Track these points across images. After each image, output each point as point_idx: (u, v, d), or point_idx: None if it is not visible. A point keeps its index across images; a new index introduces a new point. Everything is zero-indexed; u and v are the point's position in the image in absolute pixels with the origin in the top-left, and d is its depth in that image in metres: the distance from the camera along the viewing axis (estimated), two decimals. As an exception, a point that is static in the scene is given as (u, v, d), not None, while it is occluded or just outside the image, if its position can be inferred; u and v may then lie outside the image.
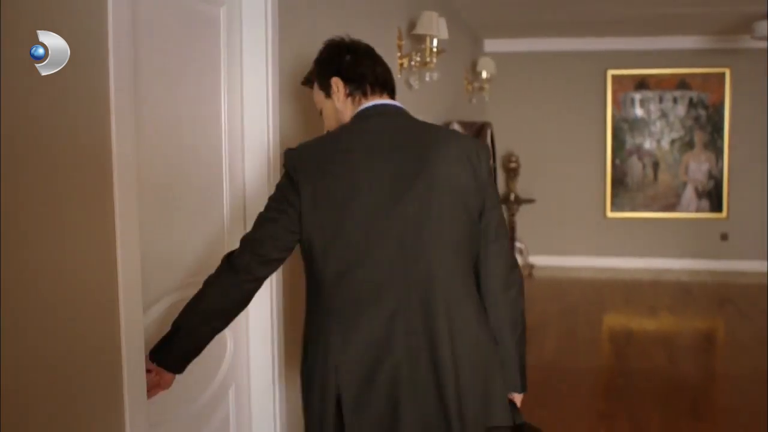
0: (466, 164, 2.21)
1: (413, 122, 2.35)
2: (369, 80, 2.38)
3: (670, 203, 9.98)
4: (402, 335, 2.16)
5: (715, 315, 8.03)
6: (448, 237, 2.19)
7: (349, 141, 2.27)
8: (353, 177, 2.19)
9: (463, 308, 2.22)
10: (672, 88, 9.87)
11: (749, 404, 5.24)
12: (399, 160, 2.20)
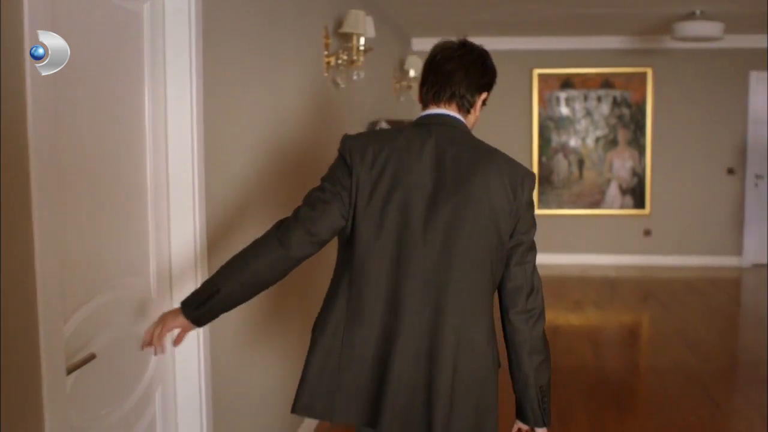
0: (506, 188, 2.26)
1: (466, 138, 2.37)
2: (436, 85, 2.40)
3: (595, 200, 10.17)
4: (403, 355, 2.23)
5: (639, 309, 8.21)
6: (474, 254, 2.25)
7: (403, 142, 2.31)
8: (397, 178, 2.26)
9: (474, 329, 2.27)
10: (596, 87, 10.06)
11: (671, 395, 5.37)
12: (442, 172, 2.26)
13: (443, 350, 2.23)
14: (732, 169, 10.07)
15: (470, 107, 2.41)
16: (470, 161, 2.29)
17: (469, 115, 2.42)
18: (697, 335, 6.95)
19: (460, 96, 2.38)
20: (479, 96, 2.43)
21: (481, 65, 2.43)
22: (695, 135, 9.98)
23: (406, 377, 2.24)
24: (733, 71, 9.97)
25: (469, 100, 2.40)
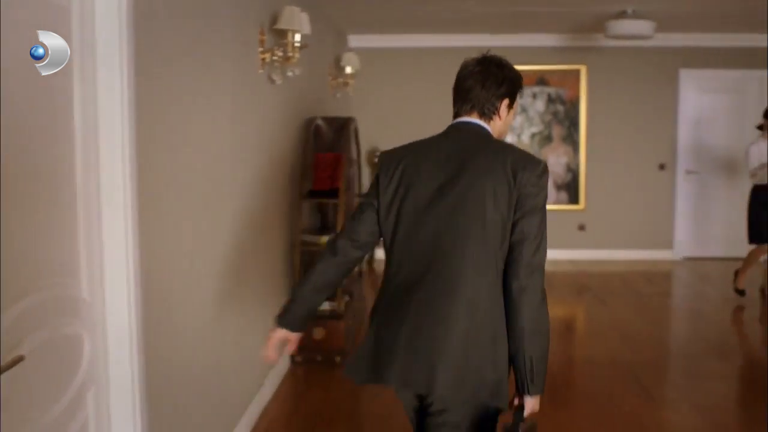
0: (506, 172, 2.50)
1: (480, 138, 2.67)
2: (459, 98, 2.76)
3: (531, 195, 10.27)
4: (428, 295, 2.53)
5: (574, 302, 8.34)
6: (478, 226, 2.49)
7: (423, 148, 2.70)
8: (416, 175, 2.62)
9: (488, 287, 2.50)
10: (531, 84, 10.16)
11: (605, 388, 5.47)
12: (452, 165, 2.58)
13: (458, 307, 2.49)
14: (663, 164, 10.29)
15: (492, 114, 2.71)
16: (477, 154, 2.58)
17: (493, 121, 2.71)
18: (631, 328, 7.08)
19: (480, 106, 2.70)
20: (500, 102, 2.71)
21: (496, 78, 2.71)
22: (628, 131, 10.17)
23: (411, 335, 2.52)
24: (664, 69, 10.18)
25: (489, 109, 2.70)
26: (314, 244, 5.93)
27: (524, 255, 2.49)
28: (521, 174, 2.49)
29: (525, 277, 2.49)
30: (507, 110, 2.74)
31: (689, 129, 10.36)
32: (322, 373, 5.71)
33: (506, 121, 2.75)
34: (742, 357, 6.37)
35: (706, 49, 10.11)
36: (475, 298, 2.49)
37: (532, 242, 2.50)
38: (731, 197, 10.45)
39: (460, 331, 2.47)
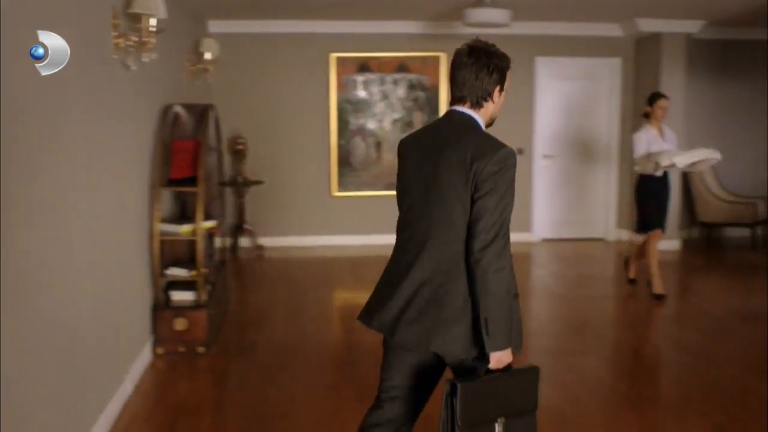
0: (463, 159, 2.86)
1: (461, 126, 3.00)
2: (454, 86, 3.06)
3: (393, 181, 10.31)
4: (410, 255, 3.00)
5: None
6: (442, 203, 2.91)
7: (421, 137, 3.12)
8: (412, 155, 3.06)
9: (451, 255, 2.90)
10: (392, 70, 10.27)
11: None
12: (432, 148, 2.98)
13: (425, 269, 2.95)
14: (521, 149, 10.57)
15: (484, 101, 3.04)
16: (449, 145, 2.93)
17: (483, 109, 3.05)
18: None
19: (474, 96, 3.02)
20: (493, 89, 3.04)
21: (488, 68, 3.01)
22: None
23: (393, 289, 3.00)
24: (520, 56, 10.40)
25: (483, 97, 3.02)
26: (174, 234, 5.81)
27: (479, 232, 2.80)
28: (477, 163, 2.83)
29: (479, 251, 2.80)
30: (499, 93, 3.06)
31: (546, 115, 10.69)
32: (184, 364, 5.61)
33: (498, 102, 3.10)
34: (596, 334, 6.62)
35: (561, 38, 10.45)
36: (439, 267, 2.90)
37: (487, 220, 2.80)
38: (586, 180, 10.89)
39: (425, 288, 2.92)
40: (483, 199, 2.81)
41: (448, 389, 2.78)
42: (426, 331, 2.90)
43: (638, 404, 5.00)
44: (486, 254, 2.78)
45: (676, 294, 8.12)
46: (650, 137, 7.47)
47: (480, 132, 3.00)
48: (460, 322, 2.87)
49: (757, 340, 6.42)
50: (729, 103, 10.83)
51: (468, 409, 2.78)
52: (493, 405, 2.86)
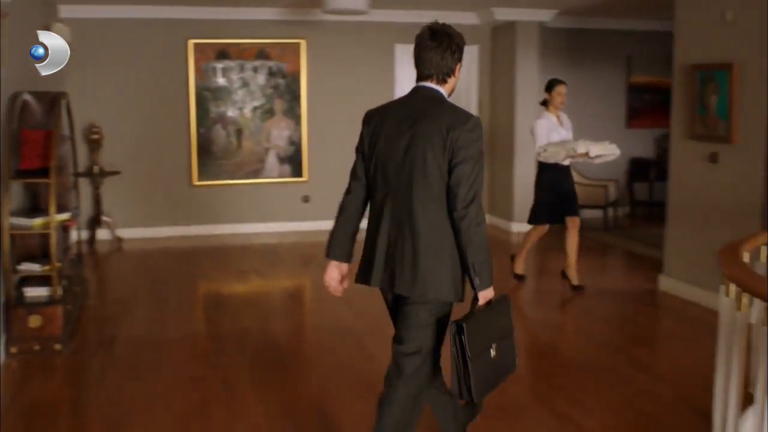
0: (440, 130, 3.23)
1: (432, 99, 3.37)
2: (420, 65, 3.41)
3: (255, 169, 10.32)
4: (391, 220, 3.35)
5: (302, 273, 8.49)
6: (421, 171, 3.26)
7: (392, 109, 3.45)
8: (381, 129, 3.39)
9: (431, 215, 3.28)
10: (252, 57, 10.17)
11: (331, 352, 5.65)
12: (404, 127, 3.32)
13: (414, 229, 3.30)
14: (382, 136, 10.67)
15: (447, 77, 3.42)
16: (424, 117, 3.30)
17: (447, 84, 3.43)
18: (355, 293, 7.23)
19: (439, 73, 3.39)
20: (455, 66, 3.43)
21: (449, 49, 3.39)
22: (348, 104, 10.42)
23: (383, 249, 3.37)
24: (380, 44, 10.55)
25: (445, 73, 3.40)
26: (26, 228, 5.59)
27: (460, 193, 3.21)
28: (452, 132, 3.22)
29: (461, 209, 3.22)
30: (459, 69, 3.47)
31: (405, 101, 10.81)
32: (40, 363, 5.41)
33: (458, 76, 3.49)
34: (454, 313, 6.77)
35: (420, 25, 10.45)
36: (421, 225, 3.28)
37: (466, 183, 3.22)
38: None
39: (410, 246, 3.29)
40: (461, 165, 3.22)
41: (454, 329, 3.25)
42: (418, 280, 3.29)
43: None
44: (469, 211, 3.23)
45: (535, 274, 8.39)
46: (550, 125, 7.26)
47: (449, 104, 3.41)
48: (447, 270, 3.31)
49: (611, 317, 6.74)
50: (581, 89, 11.23)
51: (473, 342, 3.26)
52: (487, 334, 3.38)
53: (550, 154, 7.09)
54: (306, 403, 4.69)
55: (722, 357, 3.58)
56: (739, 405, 3.44)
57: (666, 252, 7.41)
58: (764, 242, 4.07)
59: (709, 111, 6.66)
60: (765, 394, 3.13)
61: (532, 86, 10.37)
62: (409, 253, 3.30)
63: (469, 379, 3.29)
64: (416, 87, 3.45)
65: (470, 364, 3.26)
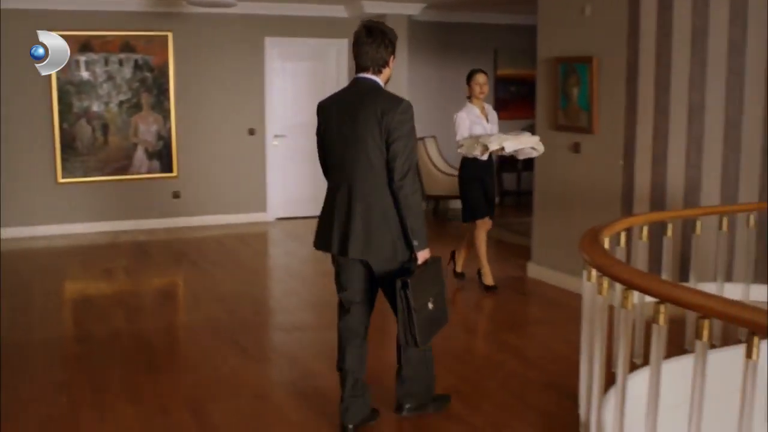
0: (376, 114, 3.82)
1: (370, 89, 3.94)
2: (358, 59, 3.98)
3: (123, 165, 10.04)
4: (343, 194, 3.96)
5: (172, 271, 8.33)
6: (363, 151, 3.87)
7: (337, 98, 4.09)
8: (330, 117, 4.03)
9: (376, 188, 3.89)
10: (117, 50, 9.87)
11: (204, 350, 5.56)
12: (345, 115, 3.93)
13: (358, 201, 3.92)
14: (253, 129, 10.58)
15: (382, 68, 3.98)
16: (363, 101, 3.89)
17: (382, 74, 3.99)
18: (228, 290, 7.24)
19: (375, 65, 3.96)
20: (389, 58, 3.99)
21: (381, 44, 3.94)
22: (218, 97, 10.31)
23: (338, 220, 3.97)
24: (250, 36, 10.44)
25: (379, 65, 3.97)
26: None
27: (397, 166, 3.81)
28: (386, 116, 3.80)
29: (399, 180, 3.82)
30: (392, 61, 4.03)
31: (276, 95, 10.76)
32: None
33: (392, 66, 4.03)
34: (330, 307, 6.77)
35: (289, 18, 10.53)
36: (367, 196, 3.88)
37: (401, 158, 3.82)
38: (315, 159, 11.00)
39: (360, 216, 3.88)
40: (396, 143, 3.81)
41: (400, 285, 3.74)
42: (367, 244, 3.89)
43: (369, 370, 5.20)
44: (405, 182, 3.82)
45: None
46: (473, 117, 6.87)
47: (384, 91, 3.97)
48: (389, 235, 3.90)
49: (483, 305, 6.89)
50: (448, 82, 11.42)
51: (415, 296, 3.77)
52: (425, 289, 3.90)
53: (466, 148, 6.74)
54: (179, 402, 4.60)
55: (586, 339, 3.72)
56: (603, 385, 3.58)
57: (533, 240, 7.63)
58: (623, 228, 4.24)
59: (571, 103, 6.89)
60: (626, 374, 3.26)
61: (401, 80, 10.47)
62: (360, 222, 3.88)
63: (414, 328, 3.80)
64: (356, 78, 4.02)
65: (414, 315, 3.78)
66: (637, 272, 3.28)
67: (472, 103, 6.95)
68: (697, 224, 4.88)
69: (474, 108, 6.93)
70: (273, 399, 4.72)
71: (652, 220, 4.82)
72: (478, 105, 6.95)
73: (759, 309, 2.59)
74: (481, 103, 6.97)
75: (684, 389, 2.89)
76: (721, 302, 2.72)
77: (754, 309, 2.58)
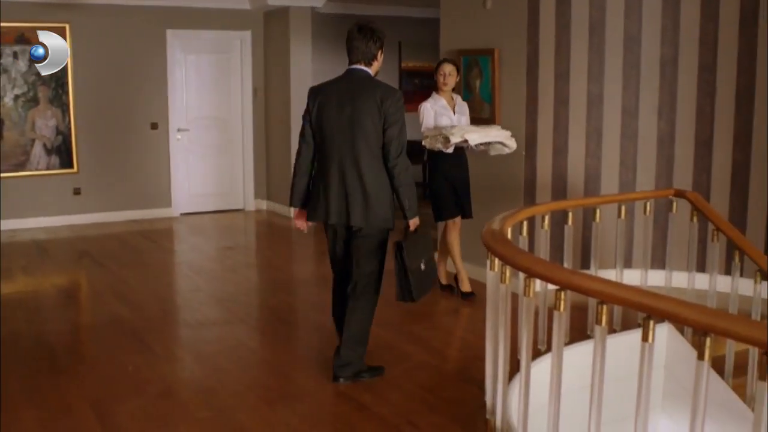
0: (375, 101, 4.43)
1: (364, 78, 4.56)
2: (351, 53, 4.56)
3: (20, 162, 9.73)
4: (340, 171, 4.52)
5: (74, 269, 8.12)
6: (362, 133, 4.45)
7: (333, 85, 4.63)
8: (326, 102, 4.54)
9: (372, 166, 4.49)
10: (12, 42, 9.55)
11: (108, 350, 5.44)
12: (348, 96, 4.50)
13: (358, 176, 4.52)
14: (156, 123, 10.39)
15: (371, 60, 4.57)
16: (362, 89, 4.50)
17: (371, 66, 4.58)
18: (131, 287, 7.11)
19: (365, 58, 4.55)
20: (377, 52, 4.56)
21: (371, 40, 4.52)
22: (119, 91, 10.07)
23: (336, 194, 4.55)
24: (151, 29, 10.23)
25: (369, 58, 4.56)
26: None
27: (392, 148, 4.45)
28: (385, 102, 4.41)
29: (394, 159, 4.46)
30: (380, 55, 4.60)
31: (179, 88, 10.59)
32: None
33: (380, 61, 4.62)
34: (236, 301, 6.73)
35: (190, 10, 10.37)
36: (365, 172, 4.48)
37: (396, 140, 4.44)
38: (223, 153, 10.98)
39: (359, 190, 4.48)
40: (392, 128, 4.42)
41: (396, 248, 4.54)
42: (370, 215, 4.50)
43: (276, 365, 5.18)
44: (399, 161, 4.45)
45: (314, 258, 8.48)
46: (438, 108, 6.43)
47: (378, 81, 4.60)
48: (386, 207, 4.54)
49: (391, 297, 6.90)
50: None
51: (409, 257, 4.54)
52: (417, 252, 4.62)
53: (429, 140, 6.35)
54: (82, 403, 4.49)
55: (490, 328, 3.77)
56: (508, 372, 3.64)
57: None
58: (525, 217, 4.32)
59: (473, 95, 6.98)
60: (529, 360, 3.32)
61: (306, 73, 10.44)
62: (360, 195, 4.47)
63: (410, 284, 4.55)
64: (349, 69, 4.60)
65: (409, 273, 4.53)
66: (538, 260, 3.35)
67: (439, 93, 6.48)
68: (597, 212, 5.00)
69: (440, 98, 6.46)
70: (178, 397, 4.66)
71: (553, 209, 4.92)
72: (446, 96, 6.48)
73: (654, 294, 2.68)
74: (448, 94, 6.49)
75: (586, 373, 2.96)
76: (618, 288, 2.81)
77: (650, 294, 2.67)
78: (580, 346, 4.21)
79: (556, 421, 3.10)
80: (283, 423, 4.26)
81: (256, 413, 4.37)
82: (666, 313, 2.56)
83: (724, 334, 2.42)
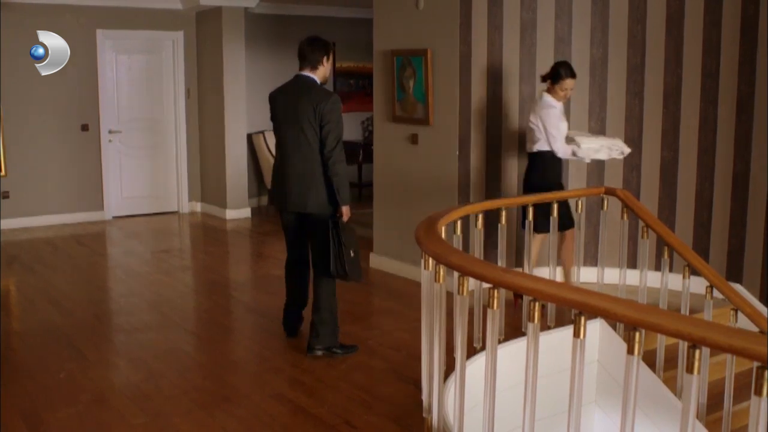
0: (312, 104, 5.06)
1: (308, 83, 5.20)
2: (300, 60, 5.26)
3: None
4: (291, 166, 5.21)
5: (3, 275, 7.91)
6: (301, 130, 5.10)
7: (283, 88, 5.36)
8: (278, 104, 5.31)
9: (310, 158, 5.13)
10: (-66, 43, 9.30)
11: (39, 357, 5.34)
12: (288, 103, 5.20)
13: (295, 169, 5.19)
14: (86, 125, 10.21)
15: (317, 65, 5.22)
16: (302, 95, 5.13)
17: (317, 71, 5.23)
18: (63, 292, 6.98)
19: (312, 64, 5.22)
20: (323, 58, 5.23)
21: (316, 48, 5.22)
22: (47, 92, 9.84)
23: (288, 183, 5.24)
24: (81, 29, 10.02)
25: (314, 64, 5.22)
26: None
27: (328, 143, 5.06)
28: (319, 106, 5.05)
29: (329, 152, 5.06)
30: (326, 62, 5.26)
31: (109, 88, 10.41)
32: None
33: (327, 67, 5.28)
34: (171, 305, 6.65)
35: (121, 10, 10.20)
36: (303, 166, 5.13)
37: (330, 136, 5.06)
38: (156, 155, 10.84)
39: (296, 181, 5.17)
40: (327, 126, 5.05)
41: (331, 225, 5.05)
42: (306, 200, 5.15)
43: (213, 368, 5.14)
44: (333, 154, 5.06)
45: (250, 260, 8.43)
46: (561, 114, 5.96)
47: (318, 86, 5.23)
48: (321, 193, 5.12)
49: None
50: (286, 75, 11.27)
51: (344, 235, 5.04)
52: (348, 239, 5.07)
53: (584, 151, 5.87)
54: (13, 413, 4.39)
55: (426, 327, 3.79)
56: (444, 371, 3.67)
57: (375, 231, 7.72)
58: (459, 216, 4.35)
59: (407, 95, 7.01)
60: (464, 358, 3.35)
61: (240, 73, 10.39)
62: (310, 185, 5.12)
63: (344, 260, 5.02)
64: (297, 75, 5.28)
65: (344, 249, 5.02)
66: (471, 259, 3.38)
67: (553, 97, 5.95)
68: (530, 210, 5.06)
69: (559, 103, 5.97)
70: (113, 403, 4.59)
71: (487, 208, 4.96)
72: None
73: (586, 290, 2.72)
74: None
75: (521, 370, 3.00)
76: (550, 285, 2.85)
77: (581, 290, 2.71)
78: (515, 343, 4.25)
79: (491, 418, 3.13)
80: (220, 427, 4.24)
81: (192, 418, 4.34)
82: (597, 309, 2.60)
83: (654, 329, 2.47)
